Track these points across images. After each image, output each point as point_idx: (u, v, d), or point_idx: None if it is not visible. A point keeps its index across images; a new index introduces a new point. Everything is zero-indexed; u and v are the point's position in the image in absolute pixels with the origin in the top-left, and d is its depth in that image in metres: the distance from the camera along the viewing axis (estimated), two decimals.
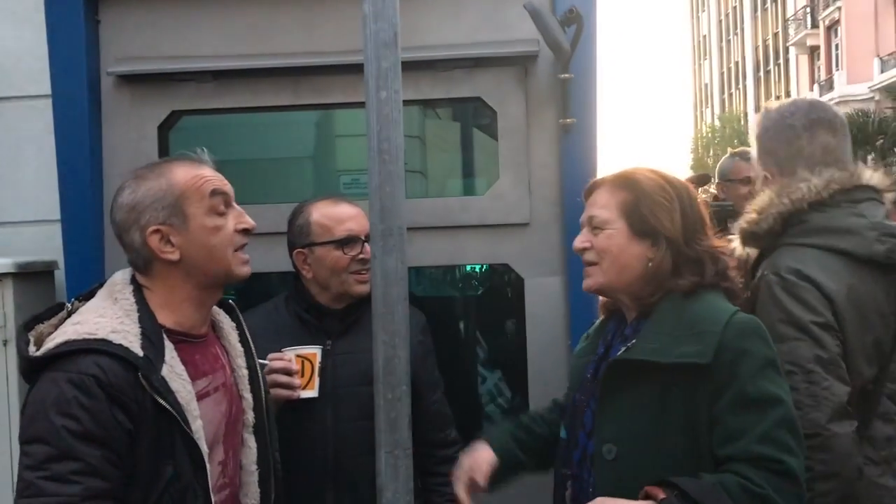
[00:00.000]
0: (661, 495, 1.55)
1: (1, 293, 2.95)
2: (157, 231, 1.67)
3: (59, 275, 3.17)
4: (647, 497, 1.57)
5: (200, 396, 1.69)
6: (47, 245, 3.16)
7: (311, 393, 2.17)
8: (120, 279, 1.73)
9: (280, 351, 2.19)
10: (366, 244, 2.25)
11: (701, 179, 3.78)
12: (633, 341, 1.71)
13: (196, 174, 1.73)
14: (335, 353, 2.26)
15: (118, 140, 3.04)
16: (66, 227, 2.99)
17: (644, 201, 1.76)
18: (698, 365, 1.62)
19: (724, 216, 3.59)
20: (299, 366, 2.17)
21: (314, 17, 3.01)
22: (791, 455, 1.60)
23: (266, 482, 1.90)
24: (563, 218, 2.95)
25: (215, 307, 1.88)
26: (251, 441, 1.87)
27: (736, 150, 4.25)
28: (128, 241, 1.71)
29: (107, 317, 1.61)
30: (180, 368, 1.64)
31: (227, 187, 1.77)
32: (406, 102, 1.72)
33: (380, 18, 1.59)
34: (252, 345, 1.95)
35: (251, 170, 4.03)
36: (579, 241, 1.84)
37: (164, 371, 1.59)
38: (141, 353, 1.57)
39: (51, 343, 1.57)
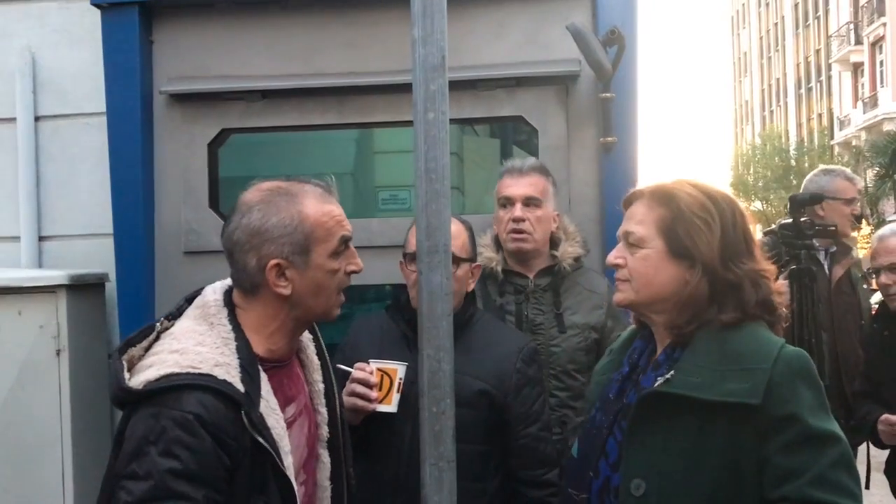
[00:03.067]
0: None
1: (54, 304, 3.05)
2: (277, 265, 1.61)
3: (111, 287, 3.27)
4: None
5: (289, 424, 1.65)
6: (99, 258, 3.27)
7: (389, 407, 2.15)
8: (212, 299, 1.65)
9: (367, 361, 2.19)
10: None
11: (814, 199, 3.53)
12: (672, 373, 1.62)
13: (327, 211, 1.66)
14: None
15: (169, 157, 3.13)
16: (118, 241, 3.09)
17: (681, 220, 1.67)
18: (746, 404, 1.54)
19: (823, 235, 3.42)
20: (378, 379, 2.15)
21: (360, 38, 3.08)
22: (848, 498, 1.51)
23: (339, 499, 1.84)
24: (603, 235, 2.97)
25: None
26: (325, 456, 1.82)
27: (831, 167, 3.97)
28: (240, 262, 1.63)
29: (206, 345, 1.55)
30: (274, 402, 1.59)
31: (351, 228, 1.71)
32: (449, 122, 1.75)
33: (428, 43, 1.63)
34: (328, 358, 1.90)
35: None
36: (613, 257, 1.77)
37: (262, 406, 1.54)
38: (242, 389, 1.51)
39: (149, 372, 1.49)
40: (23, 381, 3.00)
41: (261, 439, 1.51)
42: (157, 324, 1.63)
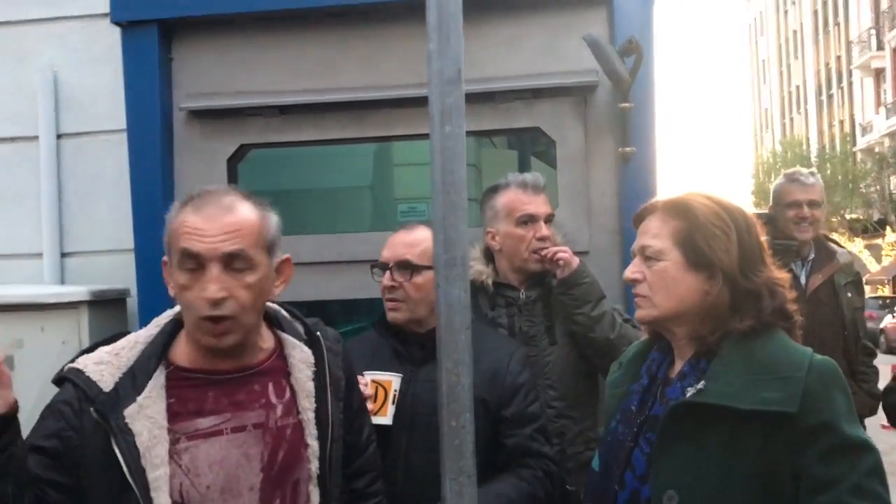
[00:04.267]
0: None
1: (76, 320, 3.07)
2: (165, 263, 1.64)
3: (132, 302, 3.29)
4: None
5: (203, 435, 1.58)
6: (120, 274, 3.30)
7: (384, 419, 2.14)
8: (173, 310, 1.70)
9: (361, 374, 2.15)
10: (388, 272, 2.29)
11: (769, 219, 3.46)
12: (704, 383, 1.60)
13: (185, 221, 1.57)
14: (417, 381, 2.22)
15: (189, 173, 3.16)
16: (139, 257, 3.11)
17: (699, 231, 1.66)
18: (781, 413, 1.52)
19: (787, 255, 3.35)
20: (373, 391, 2.15)
21: (377, 52, 3.09)
22: None
23: None
24: (622, 246, 2.96)
25: (291, 339, 1.76)
26: (315, 494, 1.68)
27: (789, 170, 3.79)
28: None
29: (112, 346, 1.63)
30: (155, 409, 1.53)
31: (203, 246, 1.55)
32: (466, 134, 1.74)
33: (444, 56, 1.63)
34: (328, 384, 1.75)
35: (311, 199, 4.12)
36: (631, 272, 1.74)
37: (129, 410, 1.51)
38: (109, 388, 1.53)
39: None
40: (45, 396, 2.98)
41: (113, 441, 1.49)
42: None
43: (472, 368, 1.69)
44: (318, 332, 1.81)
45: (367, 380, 2.16)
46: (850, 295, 3.61)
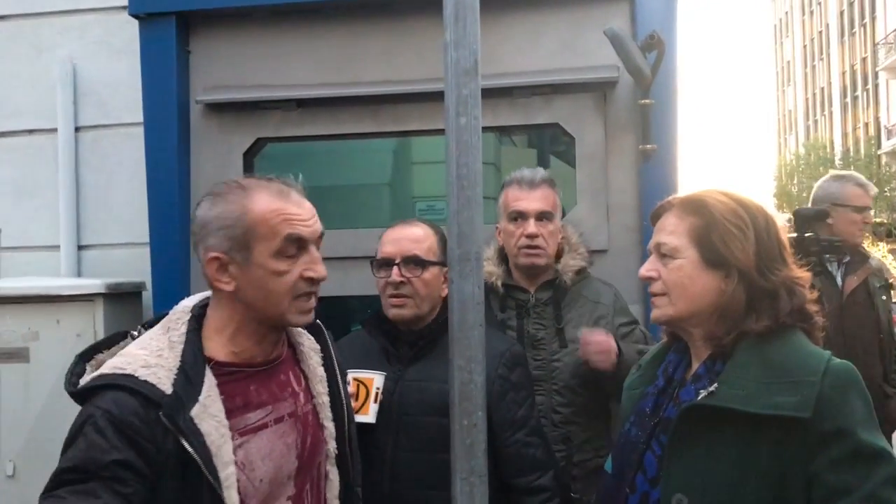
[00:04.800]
0: None
1: (92, 313, 3.08)
2: (216, 259, 1.56)
3: (147, 295, 3.29)
4: None
5: (253, 430, 1.58)
6: (136, 267, 3.30)
7: (366, 417, 2.11)
8: (183, 307, 1.65)
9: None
10: (396, 268, 2.20)
11: (819, 215, 3.46)
12: (716, 385, 1.56)
13: (276, 209, 1.57)
14: (405, 380, 2.18)
15: (205, 166, 3.14)
16: (155, 250, 3.10)
17: (715, 228, 1.63)
18: (794, 418, 1.47)
19: (829, 252, 3.38)
20: (355, 389, 2.12)
21: (395, 46, 3.07)
22: None
23: None
24: (642, 245, 2.91)
25: (297, 328, 1.77)
26: (333, 473, 1.75)
27: (842, 172, 3.80)
28: (198, 256, 1.60)
29: (148, 349, 1.53)
30: (216, 408, 1.51)
31: (308, 230, 1.60)
32: (483, 129, 1.70)
33: (460, 46, 1.60)
34: (338, 369, 1.81)
35: (330, 196, 4.10)
36: (645, 270, 1.72)
37: (195, 410, 1.47)
38: (169, 391, 1.46)
39: (93, 375, 1.52)
40: (61, 388, 3.00)
41: (186, 444, 1.44)
42: (135, 332, 1.64)
43: (484, 366, 1.66)
44: (319, 321, 1.82)
45: (349, 378, 2.12)
46: (884, 298, 3.62)
